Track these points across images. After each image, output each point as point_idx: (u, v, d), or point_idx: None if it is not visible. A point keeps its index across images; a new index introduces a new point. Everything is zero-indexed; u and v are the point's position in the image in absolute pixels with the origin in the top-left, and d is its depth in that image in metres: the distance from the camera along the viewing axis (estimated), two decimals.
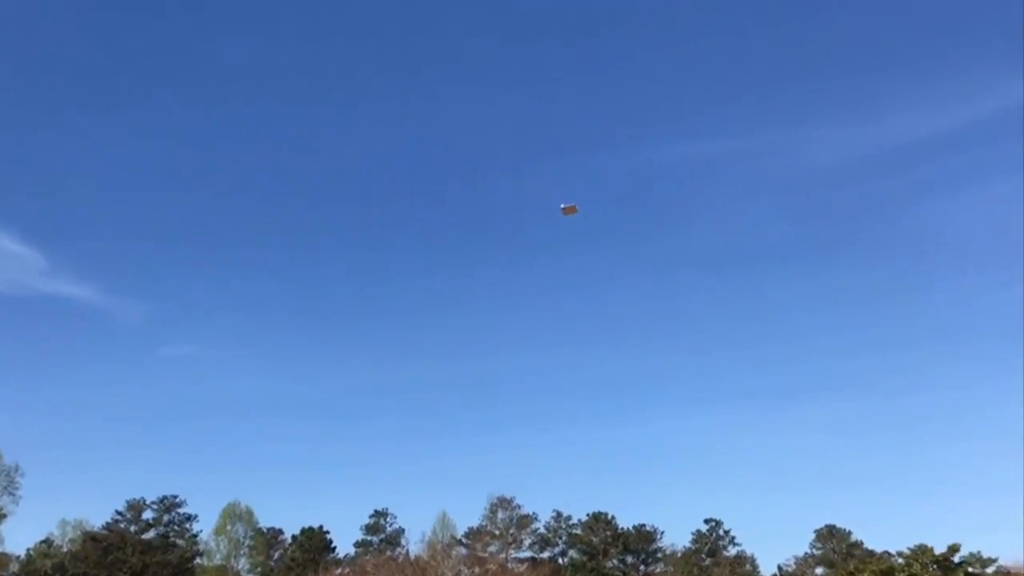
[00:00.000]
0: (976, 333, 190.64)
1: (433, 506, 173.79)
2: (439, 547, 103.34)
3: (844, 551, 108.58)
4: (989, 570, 63.79)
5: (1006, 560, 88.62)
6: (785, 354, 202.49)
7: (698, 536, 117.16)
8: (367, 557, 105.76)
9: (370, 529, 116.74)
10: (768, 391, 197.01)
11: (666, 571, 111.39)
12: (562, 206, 34.05)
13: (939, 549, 55.84)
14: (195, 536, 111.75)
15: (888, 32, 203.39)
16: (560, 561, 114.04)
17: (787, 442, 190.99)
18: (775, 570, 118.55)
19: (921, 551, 55.26)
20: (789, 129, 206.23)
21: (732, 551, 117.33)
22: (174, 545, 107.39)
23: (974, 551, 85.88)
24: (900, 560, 57.88)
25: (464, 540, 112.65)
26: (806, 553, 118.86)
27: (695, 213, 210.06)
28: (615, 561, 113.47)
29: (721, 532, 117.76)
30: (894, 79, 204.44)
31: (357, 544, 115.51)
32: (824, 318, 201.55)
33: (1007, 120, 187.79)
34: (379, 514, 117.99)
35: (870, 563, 59.61)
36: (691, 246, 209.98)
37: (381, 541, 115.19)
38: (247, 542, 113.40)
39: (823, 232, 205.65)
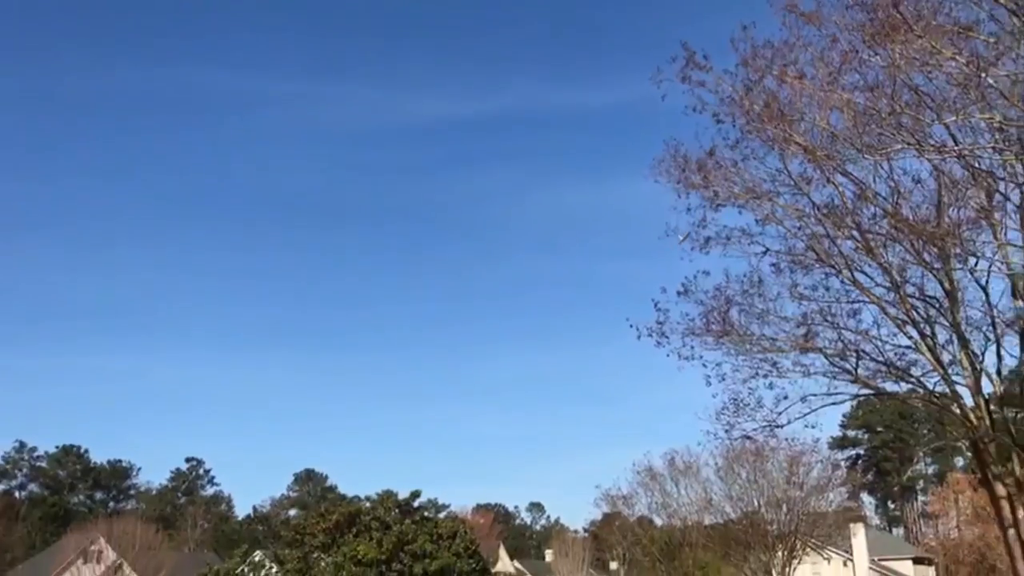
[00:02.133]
0: (447, 299, 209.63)
1: None
2: None
3: (319, 494, 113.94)
4: (442, 515, 71.83)
5: (456, 507, 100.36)
6: (287, 300, 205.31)
7: (177, 474, 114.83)
8: None
9: None
10: (254, 333, 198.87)
11: (138, 508, 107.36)
12: None
13: (402, 495, 61.21)
14: None
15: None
16: (18, 495, 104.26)
17: (275, 385, 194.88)
18: (250, 510, 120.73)
19: (386, 496, 60.16)
20: (340, 85, 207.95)
21: (210, 490, 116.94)
22: None
23: (432, 497, 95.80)
24: (368, 504, 62.53)
25: None
26: (283, 495, 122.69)
27: (224, 149, 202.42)
28: (82, 496, 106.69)
29: (201, 471, 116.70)
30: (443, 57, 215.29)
31: None
32: (333, 268, 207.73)
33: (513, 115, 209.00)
34: None
35: (340, 506, 63.47)
36: (215, 184, 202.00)
37: None
38: None
39: (351, 189, 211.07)
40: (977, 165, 17.47)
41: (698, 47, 18.78)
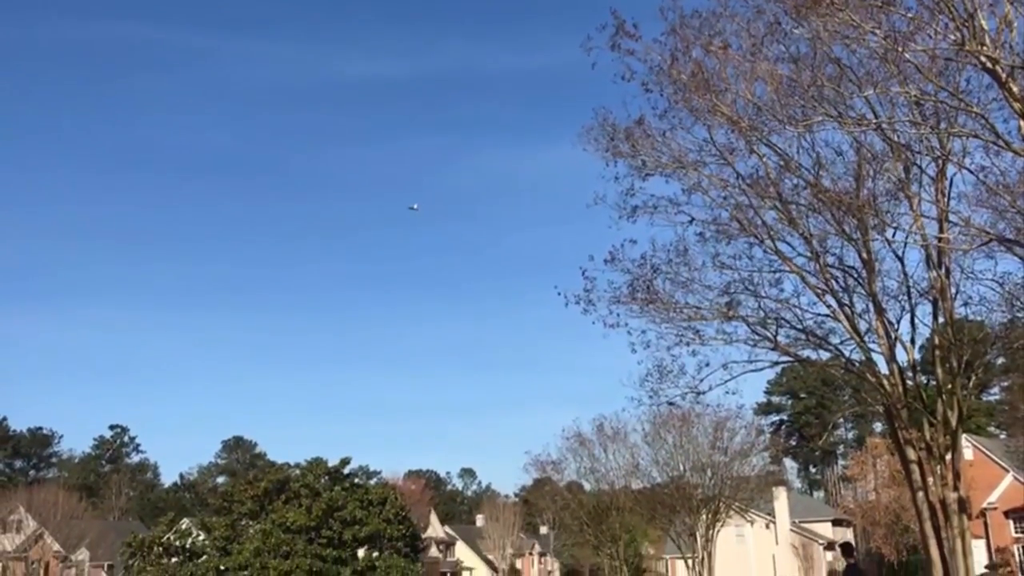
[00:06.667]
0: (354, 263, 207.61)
1: None
2: None
3: (248, 461, 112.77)
4: (373, 481, 71.71)
5: (387, 473, 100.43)
6: (212, 263, 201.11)
7: (100, 442, 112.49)
8: None
9: None
10: (179, 297, 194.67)
11: (60, 476, 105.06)
12: None
13: (332, 462, 60.95)
14: None
15: None
16: None
17: (203, 353, 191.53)
18: (177, 478, 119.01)
19: (316, 463, 59.83)
20: (261, 41, 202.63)
21: (136, 458, 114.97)
22: None
23: (362, 464, 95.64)
24: (297, 471, 62.13)
25: None
26: (210, 462, 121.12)
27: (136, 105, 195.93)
28: (1, 465, 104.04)
29: (126, 439, 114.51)
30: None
31: None
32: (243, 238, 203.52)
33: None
34: None
35: (269, 473, 62.82)
36: (128, 141, 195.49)
37: None
38: None
39: (269, 150, 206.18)
40: (895, 138, 17.87)
41: (628, 15, 18.74)
